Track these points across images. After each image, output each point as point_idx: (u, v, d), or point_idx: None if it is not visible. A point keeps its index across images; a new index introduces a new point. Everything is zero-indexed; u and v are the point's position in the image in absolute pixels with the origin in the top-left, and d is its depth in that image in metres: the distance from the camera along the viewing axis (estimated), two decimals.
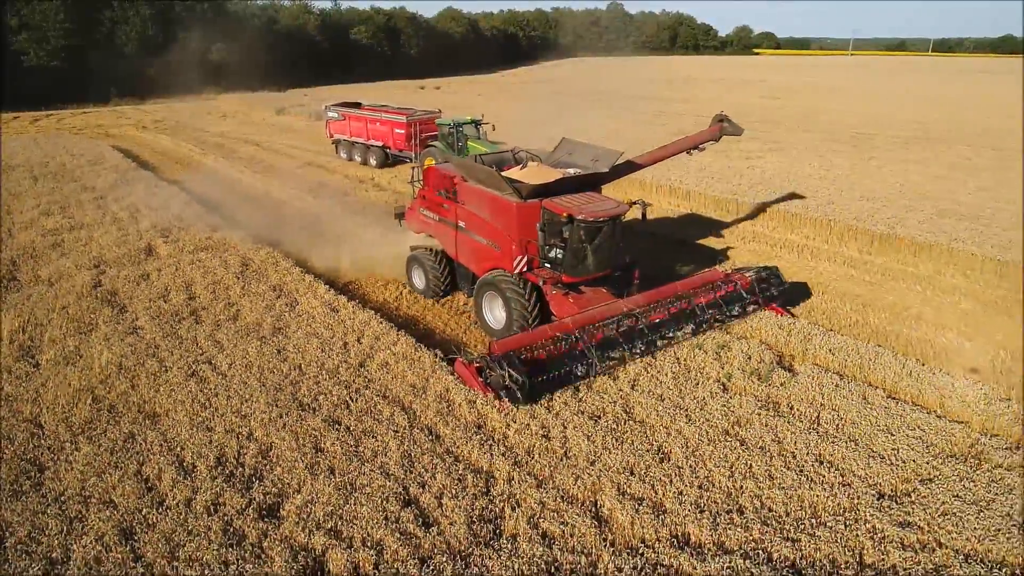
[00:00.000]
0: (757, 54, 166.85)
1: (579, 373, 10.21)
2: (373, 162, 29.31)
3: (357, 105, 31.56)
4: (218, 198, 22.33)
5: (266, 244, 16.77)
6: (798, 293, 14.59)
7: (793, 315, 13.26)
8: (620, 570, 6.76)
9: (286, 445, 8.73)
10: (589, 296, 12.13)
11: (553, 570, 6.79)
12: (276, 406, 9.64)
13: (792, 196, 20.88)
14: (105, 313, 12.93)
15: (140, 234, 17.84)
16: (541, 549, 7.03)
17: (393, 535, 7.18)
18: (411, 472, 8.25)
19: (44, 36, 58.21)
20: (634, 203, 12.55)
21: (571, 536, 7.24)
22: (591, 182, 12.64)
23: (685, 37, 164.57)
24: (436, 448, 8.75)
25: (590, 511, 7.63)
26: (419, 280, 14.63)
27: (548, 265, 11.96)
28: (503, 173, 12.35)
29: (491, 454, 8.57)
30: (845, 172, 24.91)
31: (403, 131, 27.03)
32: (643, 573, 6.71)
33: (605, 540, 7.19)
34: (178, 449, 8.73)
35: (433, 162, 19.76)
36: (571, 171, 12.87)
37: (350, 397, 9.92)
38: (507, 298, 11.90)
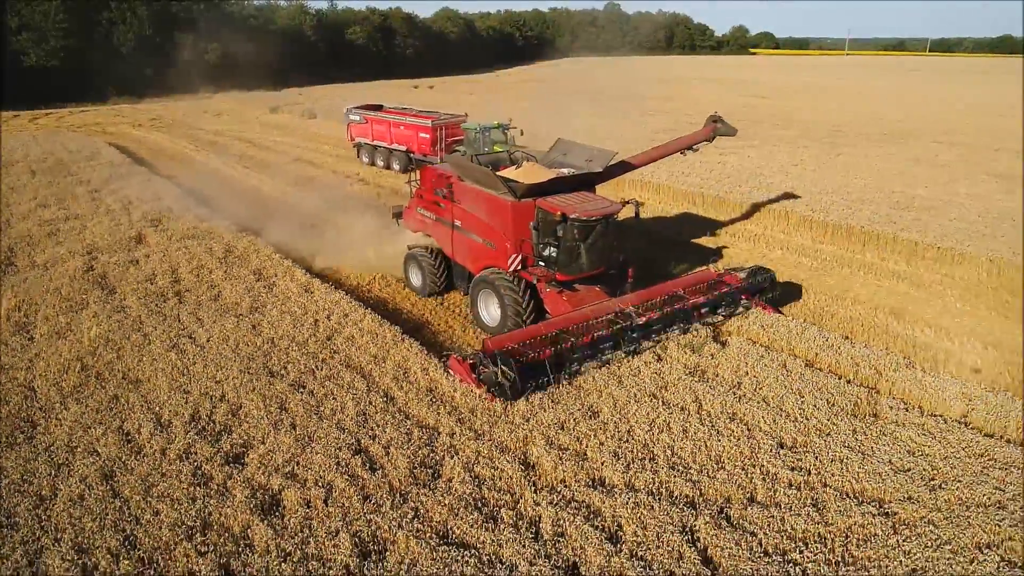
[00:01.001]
0: (753, 54, 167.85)
1: (568, 370, 10.48)
2: (396, 167, 28.15)
3: (379, 108, 30.53)
4: (208, 191, 23.31)
5: (250, 232, 17.76)
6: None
7: (782, 313, 13.32)
8: (538, 504, 7.72)
9: (254, 405, 9.69)
10: (583, 294, 12.29)
11: (480, 504, 7.75)
12: (248, 373, 10.61)
13: (756, 190, 21.82)
14: (95, 294, 13.89)
15: (131, 224, 18.82)
16: (471, 488, 8.00)
17: (342, 477, 8.14)
18: (364, 427, 9.21)
19: (43, 36, 59.29)
20: (627, 202, 12.68)
21: (500, 478, 8.20)
22: (585, 182, 12.85)
23: (681, 37, 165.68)
24: (389, 408, 9.72)
25: (519, 458, 8.58)
26: (416, 279, 14.81)
27: (542, 263, 12.20)
28: (498, 173, 12.63)
29: (438, 413, 9.53)
30: (812, 167, 25.87)
31: (428, 135, 25.91)
32: (557, 507, 7.67)
33: (529, 481, 8.14)
34: (157, 408, 9.70)
35: None
36: (565, 171, 13.13)
37: (315, 365, 10.89)
38: (502, 296, 12.12)
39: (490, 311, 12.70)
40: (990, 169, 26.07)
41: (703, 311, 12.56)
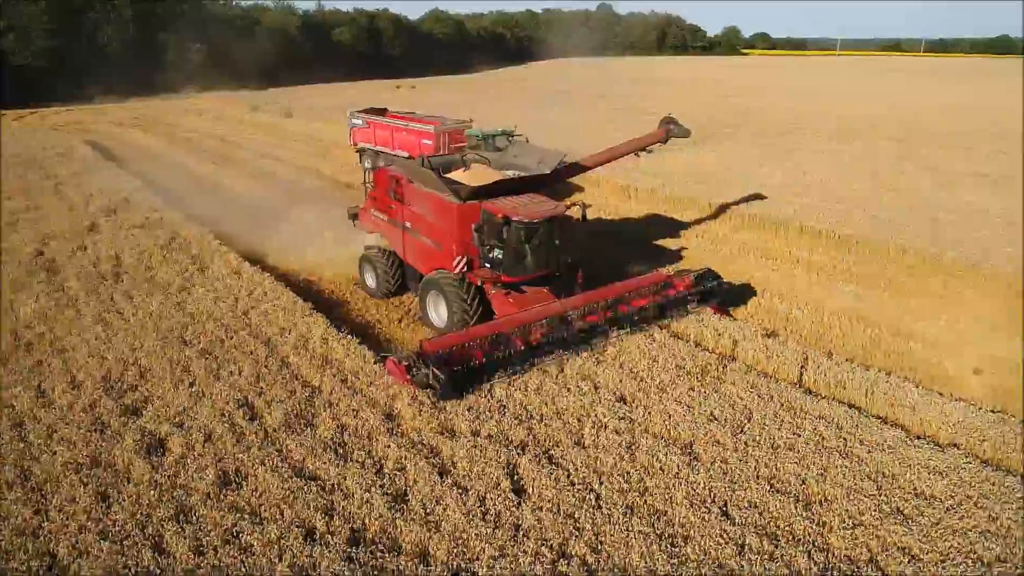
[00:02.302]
0: (745, 54, 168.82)
1: (507, 371, 10.61)
2: None
3: (383, 112, 29.40)
4: (170, 185, 24.42)
5: (197, 222, 18.84)
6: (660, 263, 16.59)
7: (732, 316, 13.53)
8: (388, 447, 8.83)
9: (160, 368, 10.81)
10: (530, 296, 12.52)
11: (337, 447, 8.86)
12: (163, 342, 11.72)
13: (691, 184, 22.91)
14: (40, 276, 15.00)
15: (88, 214, 19.93)
16: (334, 434, 9.11)
17: (223, 425, 9.25)
18: (255, 387, 10.32)
19: (29, 37, 60.36)
20: (573, 204, 12.77)
21: (362, 427, 9.30)
22: (532, 184, 13.00)
23: (674, 38, 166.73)
24: (282, 371, 10.82)
25: (384, 410, 9.68)
26: (371, 279, 14.92)
27: (488, 265, 12.35)
28: (447, 175, 12.96)
29: (323, 375, 10.63)
30: (753, 164, 26.91)
31: (431, 142, 24.70)
32: (404, 448, 8.77)
33: (388, 429, 9.25)
34: (74, 371, 10.81)
35: None
36: (511, 173, 13.44)
37: (226, 336, 12.00)
38: (448, 298, 12.37)
39: (439, 312, 12.90)
40: (927, 164, 27.14)
41: (650, 313, 12.56)
